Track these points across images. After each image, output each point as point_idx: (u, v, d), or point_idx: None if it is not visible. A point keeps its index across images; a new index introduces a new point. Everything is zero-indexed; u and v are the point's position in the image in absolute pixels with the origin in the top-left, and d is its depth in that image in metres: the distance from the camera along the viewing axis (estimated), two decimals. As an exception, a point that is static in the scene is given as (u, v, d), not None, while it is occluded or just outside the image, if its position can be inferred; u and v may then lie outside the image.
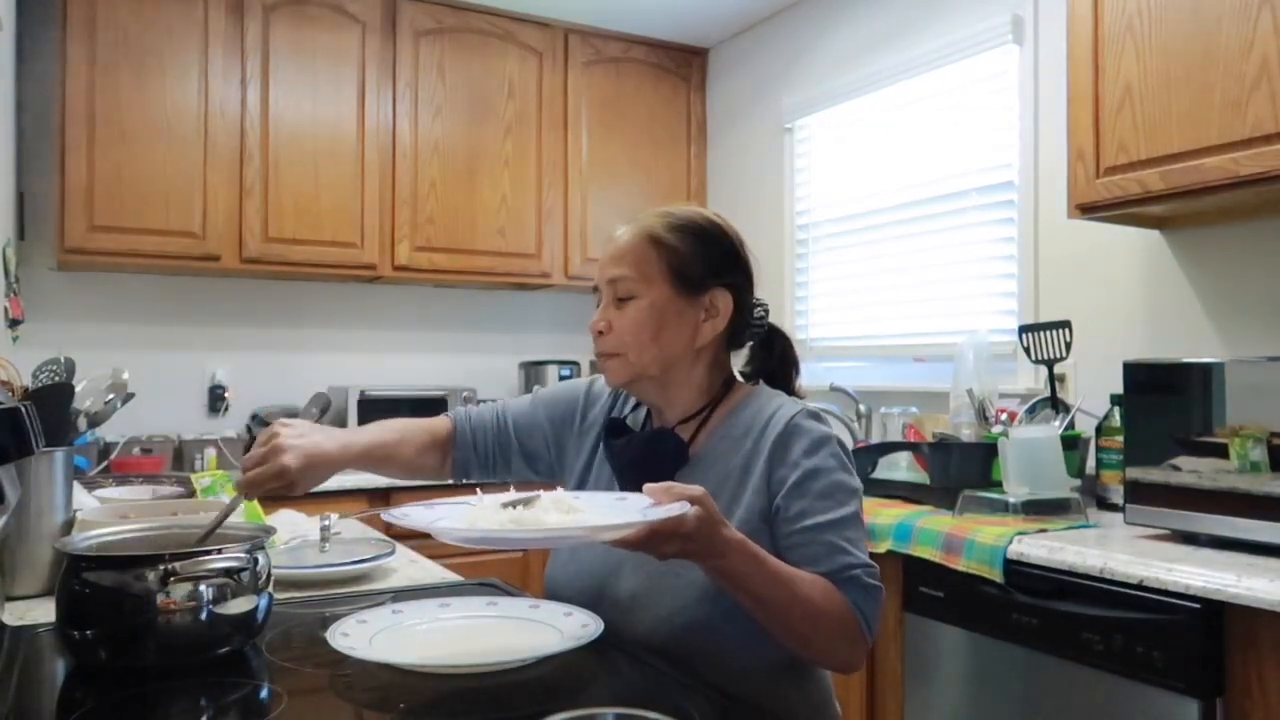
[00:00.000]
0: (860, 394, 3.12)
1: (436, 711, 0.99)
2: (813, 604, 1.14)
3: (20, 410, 0.98)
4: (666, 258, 1.30)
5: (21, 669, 1.10)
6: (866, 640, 1.18)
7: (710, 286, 1.31)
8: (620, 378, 1.32)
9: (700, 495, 1.03)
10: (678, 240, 1.31)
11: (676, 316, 1.30)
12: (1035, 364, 2.38)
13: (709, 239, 1.34)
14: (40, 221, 3.07)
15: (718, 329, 1.32)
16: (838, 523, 1.20)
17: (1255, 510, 1.66)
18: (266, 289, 3.52)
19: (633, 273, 1.30)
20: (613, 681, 1.08)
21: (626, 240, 1.32)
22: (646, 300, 1.29)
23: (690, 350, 1.31)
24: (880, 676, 2.18)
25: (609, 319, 1.31)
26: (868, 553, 1.22)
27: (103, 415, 1.61)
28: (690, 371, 1.33)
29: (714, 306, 1.32)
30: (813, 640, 1.15)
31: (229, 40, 3.13)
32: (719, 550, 1.06)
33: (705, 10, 3.63)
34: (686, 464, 1.30)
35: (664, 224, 1.32)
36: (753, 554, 1.10)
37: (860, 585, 1.18)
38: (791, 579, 1.14)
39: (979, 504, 2.05)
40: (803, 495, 1.21)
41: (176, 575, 1.03)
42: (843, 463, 1.25)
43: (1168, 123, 1.97)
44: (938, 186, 3.00)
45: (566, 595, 1.31)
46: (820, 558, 1.19)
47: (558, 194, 3.69)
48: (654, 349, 1.29)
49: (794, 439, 1.24)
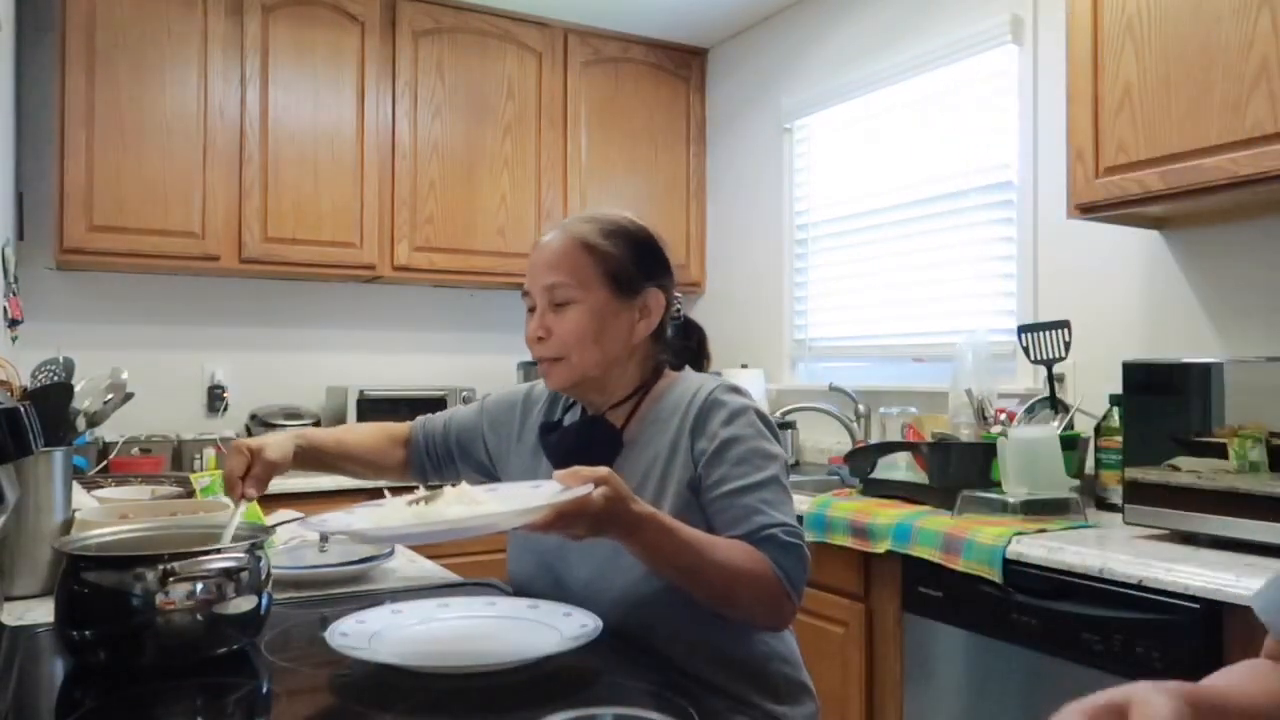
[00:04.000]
0: (859, 394, 3.12)
1: (436, 711, 0.99)
2: (731, 566, 1.20)
3: (19, 410, 0.98)
4: (602, 263, 1.36)
5: (20, 669, 1.10)
6: (790, 596, 1.24)
7: (643, 288, 1.38)
8: (564, 381, 1.38)
9: (606, 475, 1.09)
10: (611, 245, 1.37)
11: (614, 318, 1.36)
12: (1034, 364, 2.38)
13: (639, 243, 1.40)
14: (39, 221, 3.06)
15: (651, 327, 1.40)
16: (754, 486, 1.27)
17: (1254, 510, 1.66)
18: (266, 289, 3.51)
19: (569, 279, 1.35)
20: (612, 681, 1.08)
21: (559, 247, 1.37)
22: (586, 305, 1.35)
23: (627, 349, 1.38)
24: (880, 676, 2.18)
25: (546, 325, 1.36)
26: (790, 514, 1.28)
27: (102, 415, 1.61)
28: (625, 368, 1.40)
29: (646, 306, 1.38)
30: (735, 600, 1.21)
31: (228, 40, 3.13)
32: (631, 526, 1.12)
33: (705, 10, 3.62)
34: (621, 449, 1.37)
35: (595, 230, 1.38)
36: (665, 525, 1.16)
37: (778, 543, 1.24)
38: (707, 544, 1.20)
39: (978, 504, 2.05)
40: (721, 463, 1.29)
41: (176, 575, 1.03)
42: (760, 431, 1.32)
43: (1167, 123, 1.97)
44: (937, 186, 3.00)
45: (530, 589, 1.38)
46: (739, 520, 1.25)
47: (557, 194, 3.69)
48: (596, 351, 1.35)
49: (713, 412, 1.32)
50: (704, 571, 1.18)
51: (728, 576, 1.19)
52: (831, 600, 2.27)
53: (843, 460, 2.69)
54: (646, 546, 1.15)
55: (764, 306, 3.68)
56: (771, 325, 3.64)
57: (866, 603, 2.21)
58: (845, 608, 2.24)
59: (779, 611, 1.25)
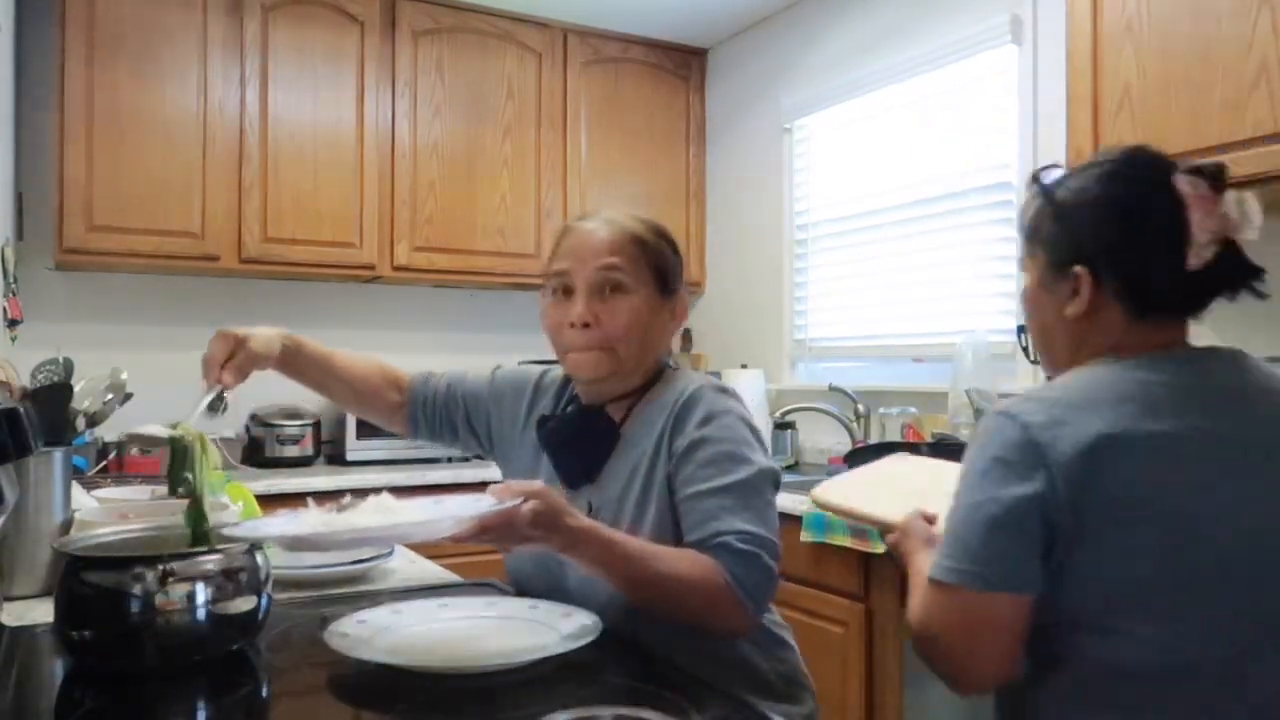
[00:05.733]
0: (859, 394, 3.12)
1: (436, 711, 0.99)
2: (676, 575, 1.18)
3: (19, 410, 0.97)
4: (653, 260, 1.35)
5: (20, 669, 1.10)
6: (745, 605, 1.20)
7: (678, 289, 1.39)
8: (601, 371, 1.34)
9: (538, 490, 1.08)
10: (658, 244, 1.37)
11: (655, 316, 1.36)
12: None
13: (675, 246, 1.41)
14: (39, 221, 3.06)
15: (678, 330, 1.41)
16: (717, 490, 1.23)
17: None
18: (265, 289, 3.51)
19: (628, 266, 1.33)
20: (612, 681, 1.08)
21: (612, 235, 1.35)
22: (639, 297, 1.33)
23: (659, 348, 1.39)
24: (880, 676, 2.18)
25: (595, 311, 1.32)
26: (756, 522, 1.22)
27: (101, 415, 1.60)
28: (646, 366, 1.39)
29: (675, 310, 1.39)
30: (684, 609, 1.19)
31: (228, 40, 3.13)
32: (568, 539, 1.11)
33: (704, 10, 3.62)
34: (619, 442, 1.36)
35: (644, 227, 1.37)
36: (605, 538, 1.15)
37: (730, 551, 1.20)
38: (651, 554, 1.18)
39: (978, 504, 2.04)
40: (689, 463, 1.26)
41: (175, 575, 1.03)
42: (736, 435, 1.28)
43: (1167, 123, 1.97)
44: (937, 186, 3.00)
45: (529, 588, 1.38)
46: (695, 525, 1.23)
47: (557, 194, 3.69)
48: (639, 346, 1.34)
49: (691, 410, 1.30)
50: (650, 582, 1.17)
51: (674, 586, 1.17)
52: (831, 600, 2.27)
53: (843, 460, 2.69)
54: (586, 558, 1.15)
55: (764, 307, 3.68)
56: (771, 325, 3.64)
57: (866, 603, 2.21)
58: (845, 608, 2.24)
59: (732, 620, 1.21)
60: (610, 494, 1.34)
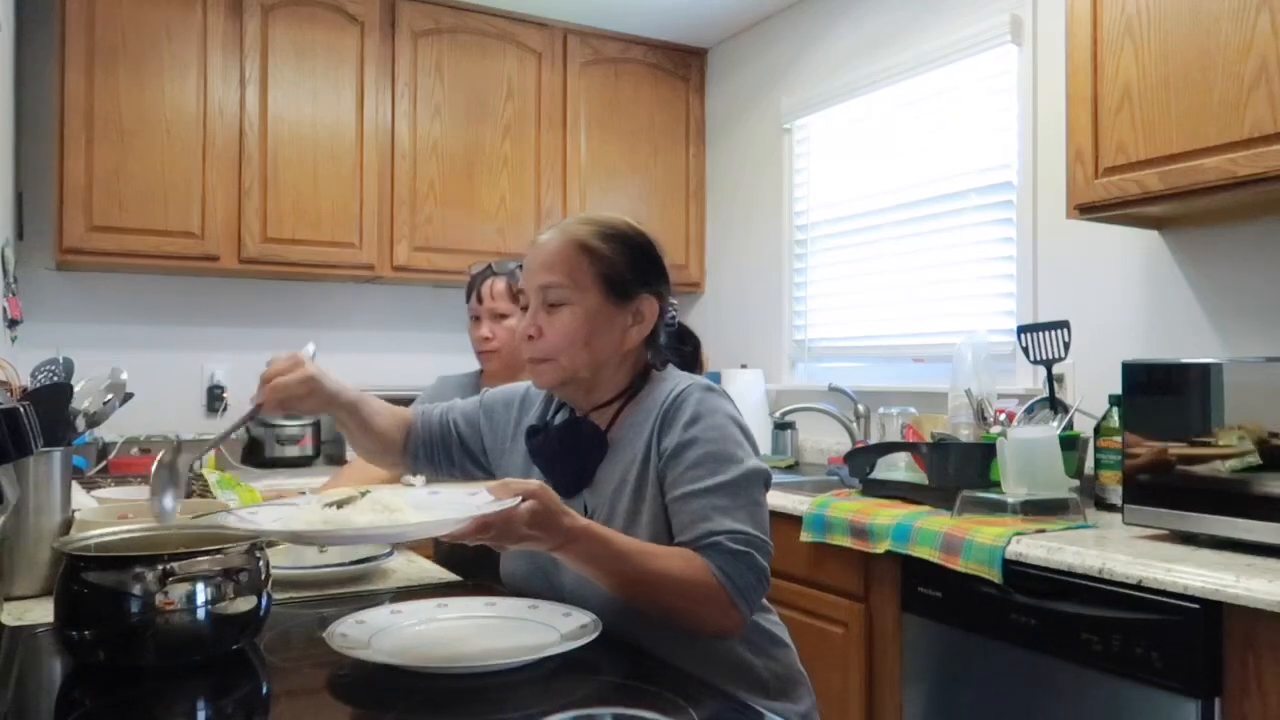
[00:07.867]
0: (859, 394, 3.12)
1: (435, 711, 0.99)
2: (669, 574, 1.19)
3: (19, 410, 0.98)
4: (598, 266, 1.35)
5: (20, 669, 1.10)
6: (738, 605, 1.21)
7: (637, 294, 1.37)
8: (550, 381, 1.37)
9: (535, 489, 1.09)
10: (608, 249, 1.36)
11: (606, 322, 1.35)
12: (1034, 364, 2.38)
13: (636, 248, 1.38)
14: (39, 221, 3.06)
15: (643, 334, 1.38)
16: (707, 490, 1.24)
17: (1254, 510, 1.66)
18: (265, 289, 3.51)
19: (564, 280, 1.34)
20: (612, 681, 1.08)
21: (555, 247, 1.36)
22: (580, 307, 1.34)
23: (618, 354, 1.37)
24: (879, 676, 2.18)
25: (538, 324, 1.35)
26: (749, 522, 1.24)
27: (101, 415, 1.60)
28: (615, 372, 1.39)
29: (640, 312, 1.37)
30: (675, 609, 1.20)
31: (228, 40, 3.13)
32: (562, 539, 1.12)
33: (704, 10, 3.62)
34: (606, 449, 1.36)
35: (593, 232, 1.36)
36: (599, 536, 1.16)
37: (723, 551, 1.21)
38: (644, 553, 1.19)
39: (977, 504, 2.05)
40: (678, 464, 1.28)
41: (175, 575, 1.03)
42: (726, 435, 1.29)
43: (1166, 123, 1.97)
44: (936, 187, 3.00)
45: (524, 590, 1.38)
46: (686, 526, 1.24)
47: (556, 194, 3.69)
48: (585, 354, 1.34)
49: (679, 410, 1.31)
50: (644, 581, 1.18)
51: (666, 585, 1.19)
52: (831, 600, 2.27)
53: (842, 460, 2.69)
54: (580, 558, 1.16)
55: (763, 307, 3.68)
56: (771, 326, 3.64)
57: (866, 603, 2.21)
58: (845, 608, 2.24)
59: (725, 619, 1.22)
60: (604, 497, 1.35)
